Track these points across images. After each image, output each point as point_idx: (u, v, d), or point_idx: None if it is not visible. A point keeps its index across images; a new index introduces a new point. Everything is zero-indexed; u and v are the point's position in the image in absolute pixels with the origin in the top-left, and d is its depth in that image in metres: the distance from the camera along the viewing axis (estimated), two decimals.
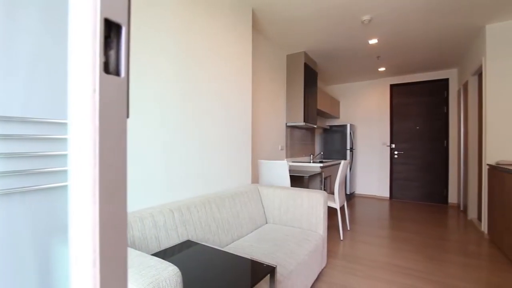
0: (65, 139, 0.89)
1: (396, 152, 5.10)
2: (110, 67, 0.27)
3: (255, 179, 3.09)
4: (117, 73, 0.28)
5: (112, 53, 0.28)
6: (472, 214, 3.58)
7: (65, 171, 0.89)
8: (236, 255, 1.20)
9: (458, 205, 4.40)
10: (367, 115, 5.41)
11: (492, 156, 2.90)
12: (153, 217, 1.34)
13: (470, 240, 2.85)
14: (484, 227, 3.01)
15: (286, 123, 3.82)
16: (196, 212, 1.58)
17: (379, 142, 5.26)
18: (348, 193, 4.91)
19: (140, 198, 1.44)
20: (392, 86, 5.16)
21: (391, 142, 5.14)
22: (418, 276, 2.03)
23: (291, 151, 4.03)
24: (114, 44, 0.28)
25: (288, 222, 2.14)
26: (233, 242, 1.76)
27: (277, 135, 3.61)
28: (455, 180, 4.54)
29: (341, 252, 2.50)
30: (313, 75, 4.02)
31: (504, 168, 2.38)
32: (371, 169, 5.34)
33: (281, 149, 3.70)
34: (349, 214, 3.92)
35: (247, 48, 2.46)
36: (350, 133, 5.06)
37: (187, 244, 1.35)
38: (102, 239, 0.27)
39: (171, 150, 1.64)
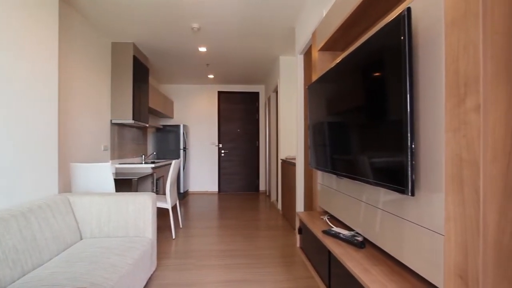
0: None
1: (223, 151, 5.81)
2: None
3: (67, 187, 2.48)
4: None
5: None
6: (273, 197, 4.73)
7: None
8: None
9: (266, 191, 5.68)
10: (199, 116, 5.79)
11: (283, 152, 3.96)
12: None
13: (272, 217, 3.75)
14: (279, 206, 4.06)
15: (111, 120, 3.34)
16: None
17: (209, 142, 5.78)
18: (181, 191, 5.03)
19: None
20: (219, 92, 5.82)
21: (219, 142, 5.80)
22: (239, 255, 2.42)
23: (120, 152, 3.57)
24: None
25: (111, 233, 1.87)
26: (25, 275, 1.31)
27: (99, 134, 3.08)
28: (263, 172, 5.81)
29: (173, 251, 2.51)
30: (144, 70, 3.78)
31: (288, 161, 3.33)
32: (202, 167, 5.76)
33: (105, 150, 3.19)
34: (182, 212, 4.02)
35: (51, 21, 1.92)
36: (184, 133, 5.21)
37: None
38: None
39: None
